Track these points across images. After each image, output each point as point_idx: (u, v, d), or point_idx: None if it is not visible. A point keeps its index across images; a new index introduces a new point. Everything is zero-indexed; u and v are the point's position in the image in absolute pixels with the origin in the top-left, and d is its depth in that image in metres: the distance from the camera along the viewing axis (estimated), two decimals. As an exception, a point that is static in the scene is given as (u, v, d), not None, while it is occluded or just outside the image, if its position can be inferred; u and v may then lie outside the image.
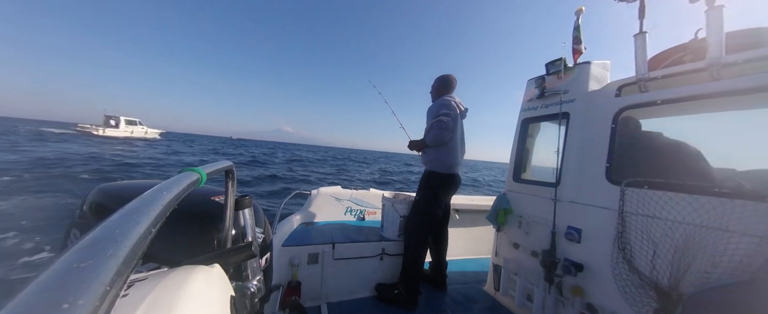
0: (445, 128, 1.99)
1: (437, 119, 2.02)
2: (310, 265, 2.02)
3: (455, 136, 2.09)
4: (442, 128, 1.99)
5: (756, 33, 1.28)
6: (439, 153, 2.09)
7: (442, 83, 2.28)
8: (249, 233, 0.86)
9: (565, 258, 1.65)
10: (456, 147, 2.11)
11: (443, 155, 2.08)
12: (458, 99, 2.21)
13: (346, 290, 2.10)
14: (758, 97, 1.14)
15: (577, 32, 1.86)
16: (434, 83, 2.33)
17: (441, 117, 2.01)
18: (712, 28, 1.23)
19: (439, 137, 2.00)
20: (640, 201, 1.35)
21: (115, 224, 0.29)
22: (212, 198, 0.99)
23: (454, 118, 2.05)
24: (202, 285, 0.54)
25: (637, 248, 1.33)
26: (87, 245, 0.25)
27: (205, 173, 0.57)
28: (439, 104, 2.09)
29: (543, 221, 1.83)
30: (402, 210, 2.29)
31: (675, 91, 1.34)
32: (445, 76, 2.28)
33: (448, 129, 1.99)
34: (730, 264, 1.06)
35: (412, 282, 2.03)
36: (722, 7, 1.21)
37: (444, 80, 2.28)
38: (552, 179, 1.82)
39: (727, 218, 1.09)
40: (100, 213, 0.92)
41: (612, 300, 1.42)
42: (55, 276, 0.21)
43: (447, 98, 2.14)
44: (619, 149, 1.57)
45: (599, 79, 1.80)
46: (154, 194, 0.38)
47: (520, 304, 1.95)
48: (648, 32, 1.48)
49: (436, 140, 2.02)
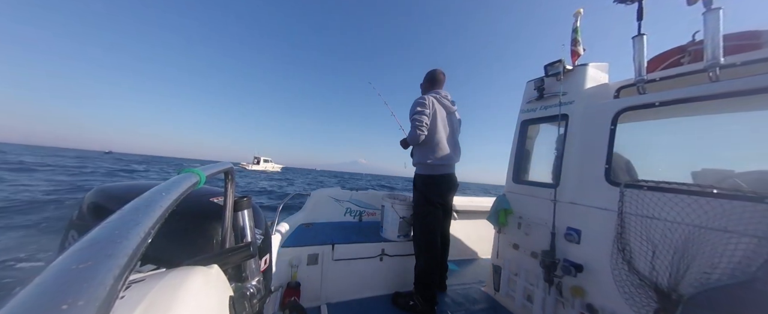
0: (417, 126, 1.98)
1: (412, 118, 2.02)
2: (310, 266, 2.02)
3: (436, 134, 2.02)
4: (415, 126, 1.99)
5: (753, 35, 1.29)
6: (422, 155, 2.06)
7: (428, 80, 2.23)
8: (248, 234, 0.86)
9: (564, 258, 1.65)
10: (440, 147, 2.04)
11: (425, 156, 2.04)
12: (445, 94, 2.15)
13: (346, 291, 2.10)
14: (756, 99, 1.15)
15: (575, 34, 1.87)
16: (423, 80, 2.27)
17: (415, 117, 2.00)
18: (710, 30, 1.24)
19: (412, 136, 2.01)
20: (639, 202, 1.35)
21: (114, 225, 0.29)
22: (211, 199, 0.98)
23: (430, 115, 2.00)
24: (200, 285, 0.54)
25: (637, 249, 1.33)
26: (86, 246, 0.25)
27: (204, 174, 0.57)
28: (415, 103, 2.05)
29: (542, 222, 1.83)
30: (401, 211, 2.29)
31: (673, 93, 1.35)
32: (432, 72, 2.22)
33: (419, 127, 1.98)
34: (730, 265, 1.06)
35: (426, 291, 1.97)
36: (719, 9, 1.21)
37: (430, 75, 2.22)
38: (551, 181, 1.82)
39: (726, 219, 1.09)
40: (98, 214, 0.91)
41: (612, 301, 1.42)
42: (54, 277, 0.21)
43: (426, 95, 2.08)
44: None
45: (598, 81, 1.80)
46: (153, 196, 0.38)
47: (520, 305, 1.95)
48: (646, 34, 1.48)
49: (411, 139, 2.05)
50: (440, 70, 2.23)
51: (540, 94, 1.99)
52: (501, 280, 2.13)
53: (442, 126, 2.07)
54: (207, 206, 0.95)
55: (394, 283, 2.24)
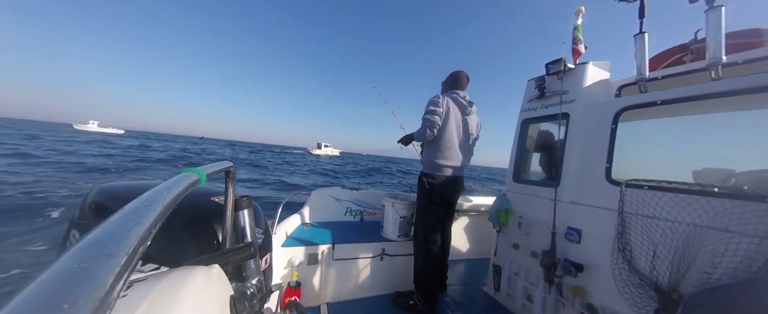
0: (427, 125, 2.02)
1: (423, 117, 2.05)
2: (310, 265, 2.02)
3: (446, 135, 2.02)
4: (425, 125, 2.03)
5: (756, 33, 1.28)
6: (430, 153, 2.07)
7: (450, 80, 2.23)
8: (248, 234, 0.86)
9: (564, 258, 1.64)
10: (450, 148, 2.04)
11: (433, 154, 2.05)
12: (464, 94, 2.13)
13: (346, 290, 2.10)
14: (758, 97, 1.14)
15: (576, 32, 1.86)
16: (445, 79, 2.28)
17: (426, 116, 2.02)
18: (712, 28, 1.23)
19: (420, 133, 2.07)
20: (639, 202, 1.35)
21: (115, 224, 0.29)
22: (212, 199, 0.99)
23: (442, 115, 2.01)
24: (201, 285, 0.54)
25: (637, 248, 1.33)
26: (87, 245, 0.25)
27: (204, 173, 0.57)
28: (429, 101, 2.07)
29: (543, 222, 1.83)
30: (402, 211, 2.29)
31: (675, 91, 1.34)
32: (455, 73, 2.20)
33: (429, 126, 2.01)
34: (731, 265, 1.06)
35: (426, 288, 1.97)
36: (722, 7, 1.21)
37: (452, 76, 2.21)
38: (550, 179, 1.82)
39: (727, 218, 1.09)
40: (99, 214, 0.92)
41: (612, 301, 1.42)
42: (55, 276, 0.21)
43: (442, 94, 2.10)
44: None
45: (599, 79, 1.80)
46: (154, 195, 0.38)
47: (520, 305, 1.95)
48: (648, 32, 1.48)
49: (418, 136, 2.12)
50: (464, 72, 2.21)
51: (541, 92, 1.98)
52: (501, 280, 2.13)
53: (455, 127, 2.06)
54: (208, 205, 0.95)
55: (394, 283, 2.25)
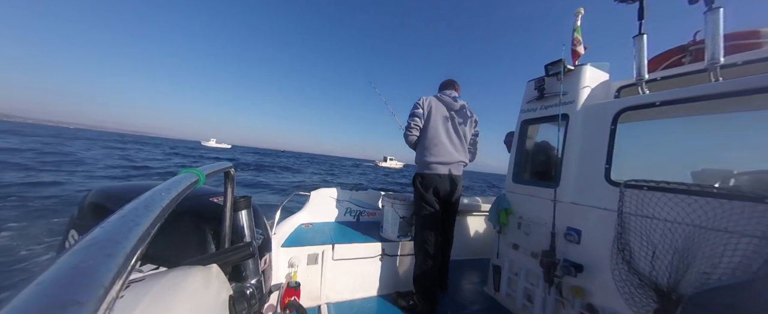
0: (406, 126, 2.19)
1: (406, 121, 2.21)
2: (310, 265, 2.02)
3: (430, 132, 2.09)
4: (406, 127, 2.18)
5: (754, 34, 1.29)
6: (419, 153, 2.16)
7: (440, 85, 2.38)
8: (247, 234, 0.86)
9: (564, 258, 1.64)
10: (437, 144, 2.08)
11: (421, 153, 2.13)
12: (449, 92, 2.22)
13: (346, 290, 2.10)
14: (757, 98, 1.14)
15: (576, 33, 1.87)
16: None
17: (408, 120, 2.19)
18: (711, 30, 1.23)
19: (405, 136, 2.22)
20: (639, 202, 1.35)
21: (114, 225, 0.29)
22: (211, 199, 0.99)
23: (423, 116, 2.12)
24: (200, 285, 0.54)
25: (637, 249, 1.33)
26: (86, 246, 0.25)
27: (204, 174, 0.57)
28: (413, 105, 2.21)
29: (542, 222, 1.83)
30: (401, 211, 2.29)
31: (674, 92, 1.34)
32: (445, 80, 2.37)
33: (408, 128, 2.17)
34: (730, 265, 1.06)
35: (425, 288, 1.97)
36: (720, 8, 1.21)
37: (442, 82, 2.37)
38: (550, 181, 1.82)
39: (726, 219, 1.09)
40: (99, 214, 0.92)
41: (612, 301, 1.42)
42: (55, 276, 0.21)
43: (424, 96, 2.20)
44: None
45: (598, 80, 1.80)
46: (153, 196, 0.38)
47: (520, 305, 1.95)
48: (646, 34, 1.48)
49: (405, 140, 2.26)
50: (452, 79, 2.37)
51: (540, 94, 1.99)
52: (501, 280, 2.13)
53: (441, 123, 2.11)
54: (207, 206, 0.95)
55: (394, 283, 2.24)
